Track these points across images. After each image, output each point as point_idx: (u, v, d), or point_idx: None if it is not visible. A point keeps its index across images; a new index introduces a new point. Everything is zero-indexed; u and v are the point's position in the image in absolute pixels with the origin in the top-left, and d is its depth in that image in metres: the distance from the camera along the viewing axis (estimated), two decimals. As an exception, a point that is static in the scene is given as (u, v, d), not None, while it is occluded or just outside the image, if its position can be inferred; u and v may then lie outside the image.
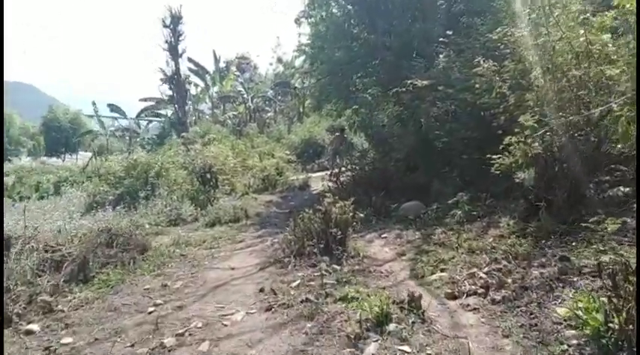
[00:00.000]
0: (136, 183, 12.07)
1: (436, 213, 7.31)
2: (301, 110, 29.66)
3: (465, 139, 7.96)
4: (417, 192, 8.59)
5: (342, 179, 10.92)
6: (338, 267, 5.32)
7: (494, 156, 6.09)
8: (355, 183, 10.11)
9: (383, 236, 6.77)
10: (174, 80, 22.14)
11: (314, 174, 16.97)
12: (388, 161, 9.16)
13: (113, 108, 26.26)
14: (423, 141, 8.77)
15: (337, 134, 16.36)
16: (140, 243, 6.97)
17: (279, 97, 31.59)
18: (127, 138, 23.27)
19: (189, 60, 30.23)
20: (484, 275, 4.42)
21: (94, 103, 27.99)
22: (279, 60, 30.38)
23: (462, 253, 5.39)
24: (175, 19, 22.47)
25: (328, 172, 14.92)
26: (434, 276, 4.81)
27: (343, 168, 10.88)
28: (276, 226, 9.55)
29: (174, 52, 22.86)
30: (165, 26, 22.34)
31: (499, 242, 5.32)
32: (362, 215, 6.08)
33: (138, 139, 24.63)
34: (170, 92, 22.37)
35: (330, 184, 11.49)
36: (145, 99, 30.12)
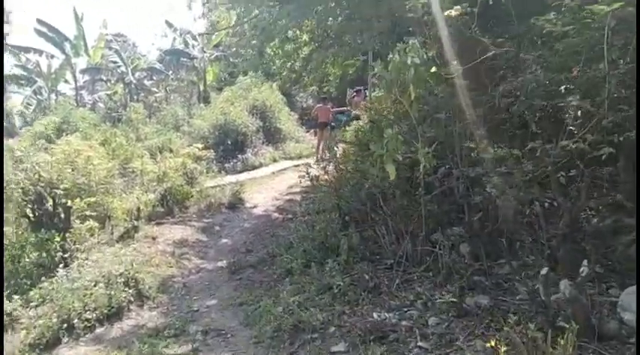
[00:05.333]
0: None
1: None
2: (202, 88, 22.95)
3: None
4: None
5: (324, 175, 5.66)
6: None
7: None
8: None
9: None
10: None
11: (241, 176, 11.27)
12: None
13: None
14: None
15: (320, 105, 13.29)
16: None
17: (171, 72, 24.34)
18: None
19: (40, 22, 21.76)
20: None
21: None
22: (170, 25, 23.11)
23: None
24: None
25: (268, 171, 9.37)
26: None
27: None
28: (221, 337, 3.97)
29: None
30: None
31: None
32: None
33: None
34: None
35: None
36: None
